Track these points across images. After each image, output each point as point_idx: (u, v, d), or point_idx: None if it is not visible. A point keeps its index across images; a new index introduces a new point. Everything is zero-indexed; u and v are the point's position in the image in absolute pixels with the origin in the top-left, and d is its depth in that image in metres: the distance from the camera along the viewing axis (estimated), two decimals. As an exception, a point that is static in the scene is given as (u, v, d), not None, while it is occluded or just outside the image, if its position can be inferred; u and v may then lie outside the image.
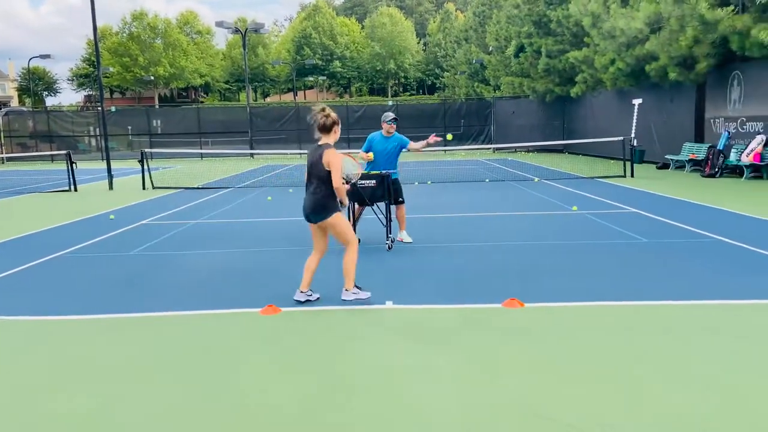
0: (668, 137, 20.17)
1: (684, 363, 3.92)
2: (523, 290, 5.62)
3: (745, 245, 7.33)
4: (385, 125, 7.99)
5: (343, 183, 5.36)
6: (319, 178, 5.22)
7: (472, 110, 36.71)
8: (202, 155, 34.54)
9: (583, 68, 24.48)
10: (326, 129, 5.26)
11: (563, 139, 29.78)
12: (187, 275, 6.66)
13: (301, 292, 5.46)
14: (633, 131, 18.65)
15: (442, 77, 64.41)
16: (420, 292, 5.73)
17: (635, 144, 18.11)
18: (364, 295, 5.41)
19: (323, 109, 5.29)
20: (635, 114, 18.86)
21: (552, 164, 22.52)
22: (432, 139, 7.81)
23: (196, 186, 17.09)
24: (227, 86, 78.44)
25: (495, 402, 3.44)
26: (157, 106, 55.68)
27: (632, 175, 16.40)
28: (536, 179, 16.61)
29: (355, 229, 7.97)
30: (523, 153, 31.45)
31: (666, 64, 17.56)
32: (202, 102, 72.30)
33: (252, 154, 33.52)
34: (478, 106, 37.23)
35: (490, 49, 38.88)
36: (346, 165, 6.39)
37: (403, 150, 8.12)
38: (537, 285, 5.86)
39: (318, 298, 5.52)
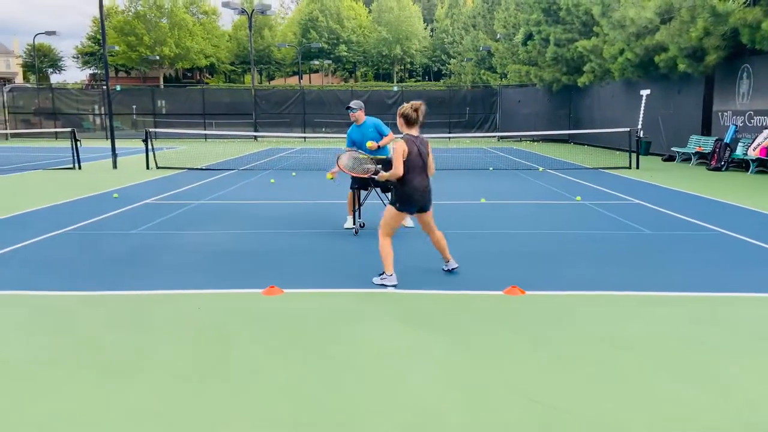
0: (675, 129, 20.05)
1: (681, 354, 3.93)
2: (525, 278, 5.62)
3: (748, 239, 7.31)
4: (351, 116, 7.97)
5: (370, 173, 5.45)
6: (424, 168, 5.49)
7: (478, 98, 36.53)
8: (206, 136, 34.49)
9: (592, 58, 24.28)
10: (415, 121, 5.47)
11: (569, 129, 29.64)
12: (188, 255, 6.68)
13: (447, 262, 5.81)
14: (640, 122, 18.54)
15: (449, 64, 63.96)
16: (421, 278, 5.74)
17: (641, 135, 18.01)
18: (390, 281, 5.43)
19: (411, 104, 5.47)
20: (642, 105, 18.73)
21: (557, 154, 22.44)
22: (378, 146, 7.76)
23: (199, 167, 17.09)
24: (232, 68, 78.03)
25: (493, 387, 3.45)
26: (161, 87, 55.50)
27: (637, 167, 16.33)
28: (541, 169, 16.55)
29: (360, 214, 7.99)
30: (528, 142, 31.33)
31: (675, 55, 17.40)
32: (206, 83, 72.01)
33: (256, 137, 33.44)
34: (484, 94, 37.03)
35: (498, 36, 38.56)
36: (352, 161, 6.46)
37: (382, 135, 7.94)
38: (538, 273, 5.86)
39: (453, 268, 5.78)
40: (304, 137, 33.64)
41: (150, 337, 4.26)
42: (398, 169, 5.32)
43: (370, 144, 7.74)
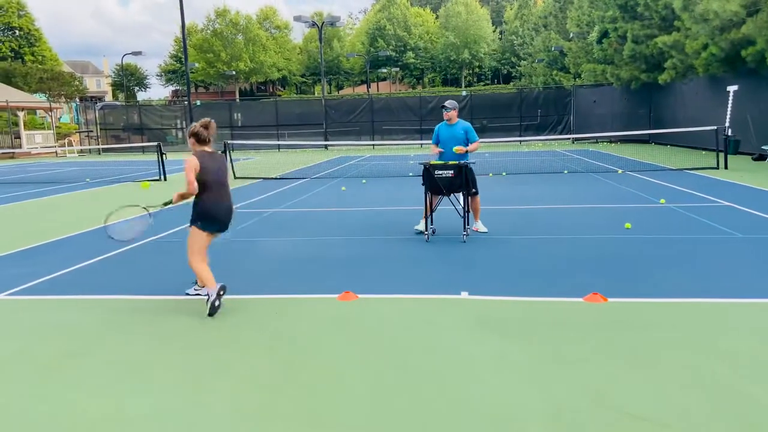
0: (766, 127, 18.72)
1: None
2: (606, 285, 5.41)
3: None
4: (445, 114, 8.03)
5: None
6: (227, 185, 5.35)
7: (550, 99, 35.58)
8: (279, 147, 35.53)
9: (673, 54, 23.10)
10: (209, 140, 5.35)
11: (649, 129, 28.32)
12: (266, 261, 6.88)
13: (195, 289, 5.52)
14: (727, 120, 17.43)
15: (519, 66, 62.82)
16: (496, 284, 5.64)
17: (729, 134, 16.94)
18: (204, 292, 5.20)
19: (201, 122, 5.44)
20: (730, 102, 17.60)
21: (637, 155, 21.48)
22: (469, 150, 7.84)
23: (274, 176, 17.62)
24: (303, 79, 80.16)
25: (577, 397, 3.33)
26: (237, 100, 57.78)
27: (726, 167, 15.36)
28: (620, 171, 15.90)
29: (432, 220, 7.96)
30: (605, 143, 30.19)
31: (764, 48, 16.27)
32: (279, 95, 74.31)
33: (326, 146, 34.11)
34: (557, 95, 36.03)
35: (571, 35, 37.47)
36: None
37: (470, 141, 7.99)
38: (621, 280, 5.62)
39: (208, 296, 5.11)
40: (373, 145, 33.96)
41: (231, 341, 4.42)
42: (192, 186, 5.09)
43: (457, 149, 7.74)
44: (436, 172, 7.59)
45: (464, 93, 40.67)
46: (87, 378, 3.83)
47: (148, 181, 10.11)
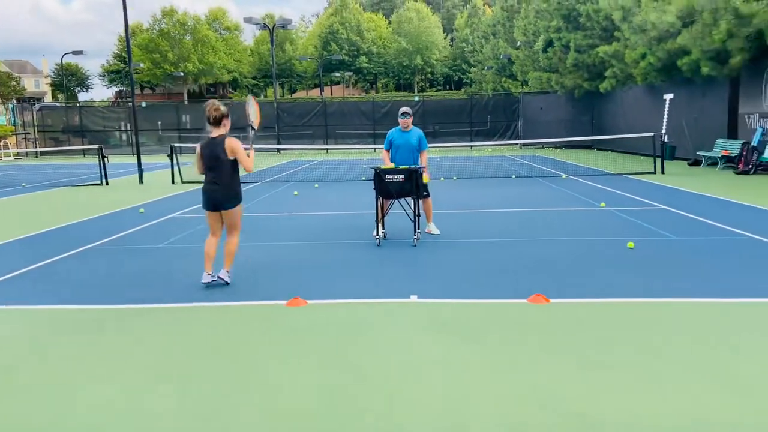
0: (700, 133, 19.72)
1: (707, 360, 3.86)
2: (549, 286, 5.58)
3: (779, 244, 7.15)
4: (399, 120, 8.25)
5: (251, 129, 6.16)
6: (224, 167, 5.70)
7: (499, 106, 36.38)
8: (229, 150, 34.90)
9: (613, 63, 24.05)
10: (217, 122, 5.73)
11: (592, 135, 29.35)
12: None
13: (208, 274, 5.87)
14: (664, 127, 18.28)
15: (469, 73, 63.92)
16: (445, 287, 5.73)
17: (666, 140, 17.76)
18: (228, 279, 5.87)
19: (213, 104, 5.80)
20: (666, 109, 18.47)
21: (580, 160, 22.22)
22: (424, 167, 8.00)
23: (223, 180, 17.29)
24: (255, 82, 79.13)
25: (521, 397, 3.43)
26: (186, 102, 56.50)
27: (662, 172, 16.09)
28: (564, 175, 16.41)
29: (383, 224, 8.02)
30: (551, 149, 31.09)
31: (698, 58, 17.15)
32: (230, 97, 73.09)
33: (279, 150, 33.79)
34: (506, 102, 36.88)
35: (518, 44, 38.41)
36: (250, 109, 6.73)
37: (422, 149, 8.23)
38: (563, 281, 5.82)
39: (227, 283, 5.88)
40: (326, 149, 33.87)
41: (173, 350, 4.33)
42: (196, 167, 5.88)
43: (426, 178, 7.91)
44: (386, 177, 7.66)
45: (416, 98, 41.06)
46: (20, 391, 3.68)
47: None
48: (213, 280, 5.90)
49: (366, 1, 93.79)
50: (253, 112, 6.78)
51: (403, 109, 8.30)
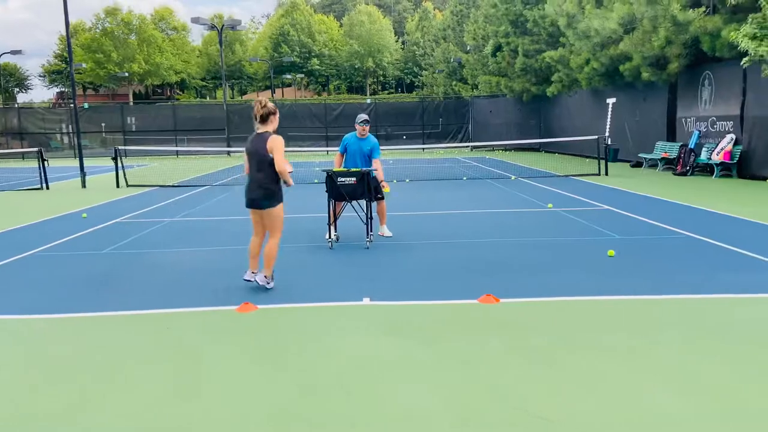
0: (641, 136, 20.53)
1: (655, 357, 4.01)
2: (499, 286, 5.68)
3: (715, 242, 7.51)
4: (357, 127, 8.11)
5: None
6: (264, 164, 5.52)
7: (450, 109, 36.89)
8: (177, 153, 34.12)
9: (559, 68, 24.77)
10: (264, 119, 5.60)
11: (540, 138, 30.13)
12: (161, 273, 6.59)
13: (251, 272, 5.75)
14: (607, 130, 18.95)
15: (421, 76, 64.56)
16: (397, 289, 5.75)
17: (609, 143, 18.40)
18: (271, 285, 5.71)
19: (260, 101, 5.67)
20: (609, 113, 19.16)
21: (529, 162, 22.76)
22: (381, 178, 8.04)
23: (171, 184, 16.89)
24: (204, 83, 77.53)
25: (476, 396, 3.48)
26: (131, 103, 54.84)
27: (606, 173, 16.66)
28: (513, 177, 16.77)
29: (336, 227, 7.99)
30: (500, 151, 31.71)
31: (639, 64, 17.86)
32: (177, 99, 71.35)
33: (229, 152, 33.22)
34: (456, 105, 37.43)
35: (468, 48, 39.08)
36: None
37: (373, 157, 8.16)
38: (512, 281, 5.93)
39: (266, 288, 5.73)
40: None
41: (123, 359, 4.19)
42: (245, 168, 5.79)
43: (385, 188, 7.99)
44: (338, 180, 7.64)
45: (369, 101, 41.14)
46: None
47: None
48: (252, 281, 5.75)
49: (317, 2, 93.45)
50: None
51: (362, 116, 8.18)
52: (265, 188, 5.55)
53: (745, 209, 9.99)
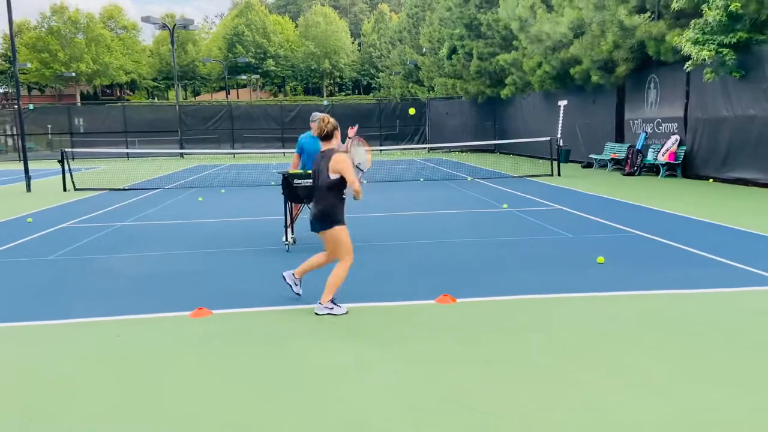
0: (592, 137, 21.13)
1: (605, 353, 4.12)
2: (455, 286, 5.74)
3: (660, 239, 7.78)
4: (312, 125, 8.06)
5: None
6: (322, 183, 5.09)
7: (407, 110, 37.06)
8: (128, 155, 33.17)
9: (512, 71, 25.25)
10: (328, 136, 5.15)
11: (494, 140, 30.63)
12: (111, 280, 6.38)
13: (293, 274, 5.48)
14: (559, 132, 19.43)
15: (378, 77, 64.73)
16: (353, 291, 5.73)
17: (561, 144, 18.86)
18: (339, 311, 5.09)
19: (324, 117, 5.24)
20: (561, 115, 19.66)
21: (484, 164, 23.11)
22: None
23: (121, 187, 16.40)
24: (155, 84, 75.66)
25: (428, 396, 3.49)
26: (79, 104, 53.01)
27: (559, 174, 17.07)
28: (469, 178, 16.99)
29: (293, 230, 7.91)
30: (457, 153, 32.09)
31: (589, 67, 18.39)
32: (128, 100, 69.37)
33: (182, 154, 32.50)
34: (413, 107, 37.63)
35: (424, 50, 39.44)
36: (358, 153, 5.95)
37: None
38: (468, 281, 6.00)
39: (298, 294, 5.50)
40: (233, 153, 32.98)
41: (72, 369, 4.03)
42: None
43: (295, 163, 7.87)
44: (294, 182, 7.56)
45: (326, 102, 40.96)
46: None
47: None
48: (291, 284, 5.45)
49: (272, 3, 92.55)
50: (362, 155, 5.91)
51: (317, 114, 8.13)
52: (321, 209, 5.11)
53: (689, 208, 10.40)
